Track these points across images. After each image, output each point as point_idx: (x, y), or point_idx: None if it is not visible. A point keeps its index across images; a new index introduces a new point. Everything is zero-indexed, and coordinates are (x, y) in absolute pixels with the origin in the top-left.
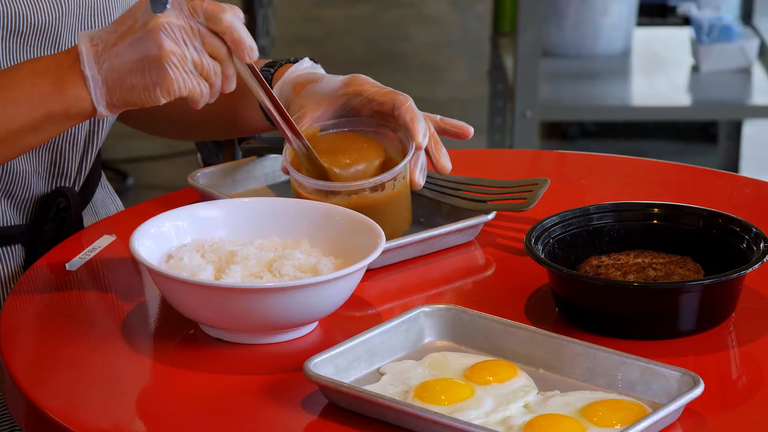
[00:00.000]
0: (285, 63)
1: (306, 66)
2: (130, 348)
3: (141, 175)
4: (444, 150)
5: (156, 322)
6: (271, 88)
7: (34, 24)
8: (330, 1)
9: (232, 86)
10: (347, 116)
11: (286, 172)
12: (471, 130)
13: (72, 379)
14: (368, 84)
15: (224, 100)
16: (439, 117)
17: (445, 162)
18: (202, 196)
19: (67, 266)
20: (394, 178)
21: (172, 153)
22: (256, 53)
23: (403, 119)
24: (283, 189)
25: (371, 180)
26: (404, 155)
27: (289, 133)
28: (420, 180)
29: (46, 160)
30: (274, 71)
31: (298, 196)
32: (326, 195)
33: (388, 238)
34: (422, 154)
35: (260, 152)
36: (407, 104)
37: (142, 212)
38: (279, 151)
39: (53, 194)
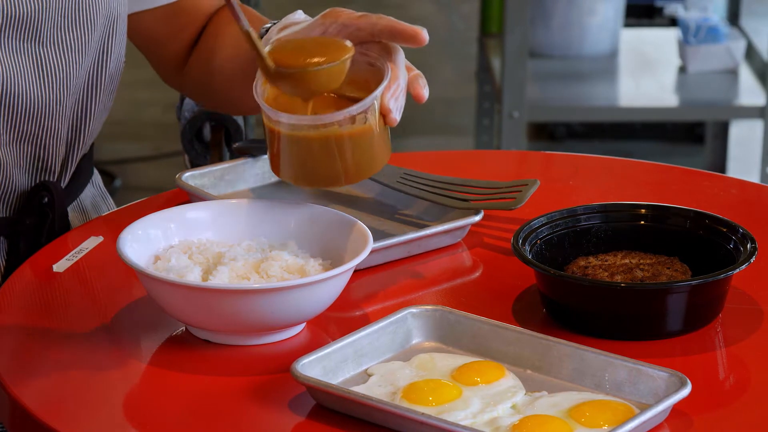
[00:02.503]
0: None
1: (298, 17)
2: (117, 349)
3: (127, 177)
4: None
5: (143, 323)
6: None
7: (14, 16)
8: (316, 3)
9: None
10: None
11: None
12: (425, 33)
13: (58, 380)
14: (344, 11)
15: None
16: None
17: (424, 91)
18: (191, 196)
19: (54, 268)
20: (365, 111)
21: (158, 154)
22: None
23: (388, 25)
24: (273, 191)
25: (339, 113)
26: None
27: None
28: (392, 106)
29: (29, 153)
30: (271, 25)
31: (269, 130)
32: (292, 128)
33: (362, 176)
34: (401, 83)
35: (253, 153)
36: (386, 17)
37: (130, 213)
38: None
39: (36, 188)
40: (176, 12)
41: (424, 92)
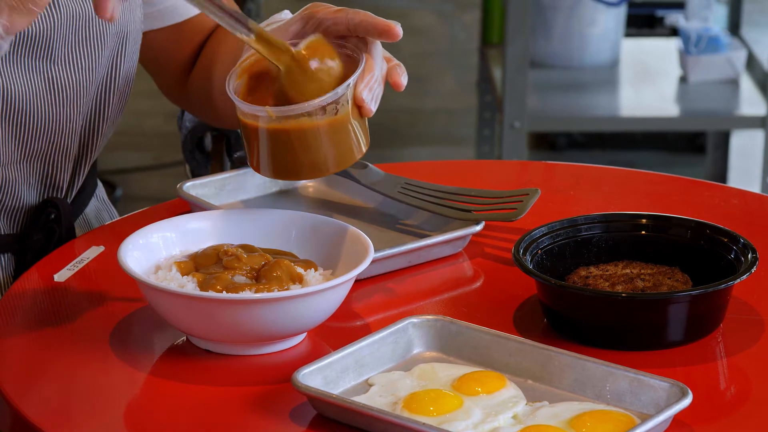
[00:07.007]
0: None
1: (285, 15)
2: (118, 359)
3: (129, 186)
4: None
5: (144, 333)
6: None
7: (27, 35)
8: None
9: None
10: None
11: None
12: (398, 28)
13: (59, 390)
14: (323, 6)
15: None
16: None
17: (402, 79)
18: (192, 206)
19: (56, 277)
20: (336, 102)
21: (159, 164)
22: None
23: (364, 19)
24: (274, 201)
25: (306, 104)
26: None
27: (229, 20)
28: (365, 96)
29: (38, 171)
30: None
31: (243, 125)
32: (265, 121)
33: (333, 169)
34: (375, 74)
35: None
36: (362, 12)
37: (131, 223)
38: None
39: (43, 204)
40: (181, 28)
41: (402, 80)
